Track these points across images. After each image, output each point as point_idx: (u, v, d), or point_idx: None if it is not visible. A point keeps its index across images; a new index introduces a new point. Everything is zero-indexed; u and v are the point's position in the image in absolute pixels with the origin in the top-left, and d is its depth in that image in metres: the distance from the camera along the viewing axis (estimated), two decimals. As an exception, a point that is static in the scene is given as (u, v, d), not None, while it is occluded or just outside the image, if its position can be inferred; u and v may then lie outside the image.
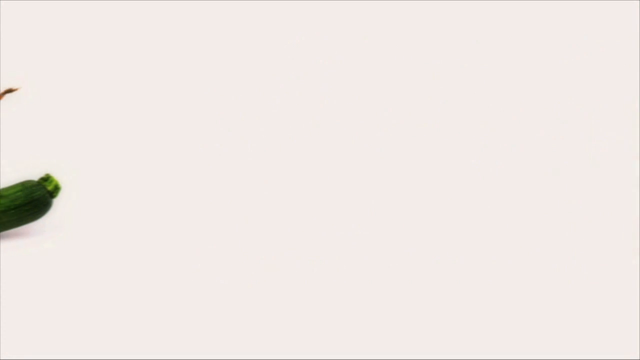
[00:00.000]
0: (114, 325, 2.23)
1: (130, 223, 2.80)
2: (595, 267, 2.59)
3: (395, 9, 3.79)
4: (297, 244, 2.69)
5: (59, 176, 2.75)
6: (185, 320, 2.27)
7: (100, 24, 3.60)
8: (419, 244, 2.69)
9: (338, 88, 3.61)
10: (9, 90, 2.56)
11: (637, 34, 3.66)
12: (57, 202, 2.76)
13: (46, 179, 2.73)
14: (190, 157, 3.16)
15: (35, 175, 2.74)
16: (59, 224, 2.79)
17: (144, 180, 3.05)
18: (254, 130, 3.32)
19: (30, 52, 3.54)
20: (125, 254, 2.61)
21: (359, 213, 2.89)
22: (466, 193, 2.98)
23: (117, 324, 2.24)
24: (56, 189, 2.72)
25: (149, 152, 3.19)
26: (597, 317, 2.35)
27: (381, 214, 2.90)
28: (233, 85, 3.54)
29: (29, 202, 2.68)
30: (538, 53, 3.63)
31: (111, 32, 3.59)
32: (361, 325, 2.31)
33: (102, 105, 3.44)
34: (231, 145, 3.23)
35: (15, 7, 3.62)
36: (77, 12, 3.61)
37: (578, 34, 3.70)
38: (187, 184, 3.02)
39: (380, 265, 2.59)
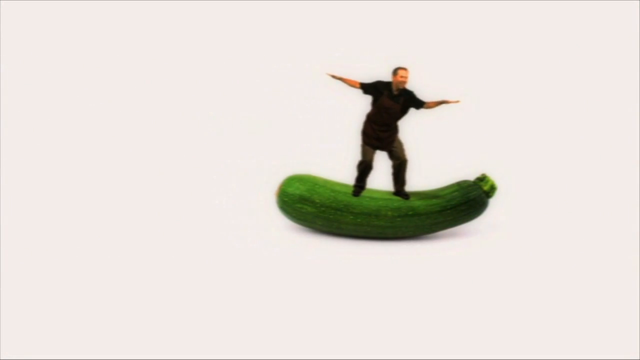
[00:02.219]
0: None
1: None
2: (595, 266, 2.47)
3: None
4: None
5: (494, 176, 2.74)
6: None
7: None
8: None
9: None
10: (446, 102, 2.59)
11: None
12: (493, 202, 2.75)
13: (482, 179, 2.72)
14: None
15: (471, 175, 2.74)
16: (495, 224, 2.78)
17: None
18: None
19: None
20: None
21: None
22: None
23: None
24: (492, 189, 2.71)
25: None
26: (597, 317, 2.22)
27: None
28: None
29: (465, 202, 2.69)
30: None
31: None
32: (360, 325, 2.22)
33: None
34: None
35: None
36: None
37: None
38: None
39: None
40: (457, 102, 2.61)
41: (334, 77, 2.61)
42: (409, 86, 2.61)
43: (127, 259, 2.51)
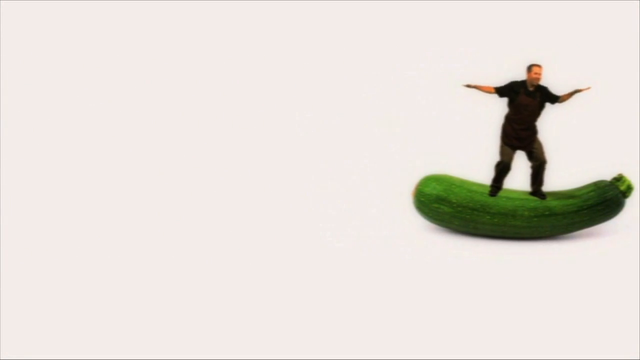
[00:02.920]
0: None
1: None
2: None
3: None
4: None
5: (631, 176, 2.74)
6: None
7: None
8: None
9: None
10: (578, 91, 2.59)
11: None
12: (630, 202, 2.74)
13: (619, 179, 2.72)
14: None
15: (607, 175, 2.74)
16: (631, 224, 2.77)
17: None
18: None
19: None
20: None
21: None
22: None
23: None
24: (629, 189, 2.71)
25: None
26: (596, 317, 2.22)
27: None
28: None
29: (602, 202, 2.69)
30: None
31: None
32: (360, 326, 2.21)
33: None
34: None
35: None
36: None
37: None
38: None
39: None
40: (589, 88, 2.60)
41: (468, 86, 2.64)
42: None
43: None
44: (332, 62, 3.70)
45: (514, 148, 2.65)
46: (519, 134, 2.64)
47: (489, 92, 2.63)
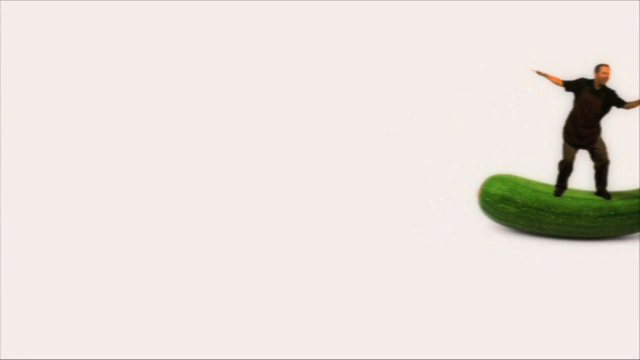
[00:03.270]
0: None
1: None
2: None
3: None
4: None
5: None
6: None
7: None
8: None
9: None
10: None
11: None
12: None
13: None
14: None
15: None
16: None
17: None
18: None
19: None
20: None
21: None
22: None
23: None
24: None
25: None
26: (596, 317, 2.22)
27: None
28: None
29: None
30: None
31: None
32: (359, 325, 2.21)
33: None
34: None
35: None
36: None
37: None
38: None
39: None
40: None
41: (538, 73, 2.64)
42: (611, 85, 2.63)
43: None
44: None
45: (575, 146, 2.66)
46: (580, 131, 2.64)
47: (557, 84, 2.64)
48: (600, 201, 2.67)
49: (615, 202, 2.67)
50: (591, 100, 2.61)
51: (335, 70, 3.73)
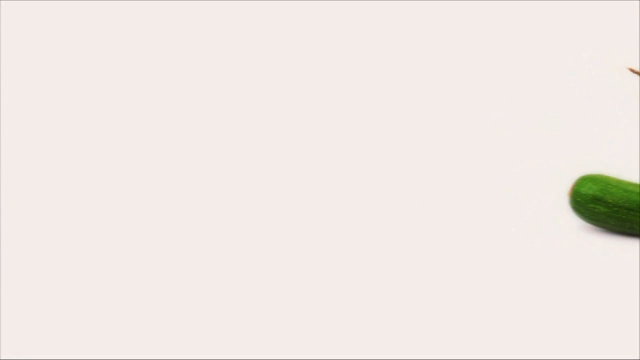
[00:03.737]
0: None
1: None
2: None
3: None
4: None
5: None
6: None
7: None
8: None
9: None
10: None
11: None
12: None
13: None
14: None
15: None
16: None
17: None
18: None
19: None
20: None
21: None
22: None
23: None
24: None
25: None
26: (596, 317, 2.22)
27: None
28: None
29: None
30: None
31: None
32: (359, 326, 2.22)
33: None
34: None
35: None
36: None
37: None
38: None
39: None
40: None
41: (633, 71, 2.61)
42: None
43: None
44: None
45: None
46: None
47: None
48: (693, 201, 2.66)
49: None
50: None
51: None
